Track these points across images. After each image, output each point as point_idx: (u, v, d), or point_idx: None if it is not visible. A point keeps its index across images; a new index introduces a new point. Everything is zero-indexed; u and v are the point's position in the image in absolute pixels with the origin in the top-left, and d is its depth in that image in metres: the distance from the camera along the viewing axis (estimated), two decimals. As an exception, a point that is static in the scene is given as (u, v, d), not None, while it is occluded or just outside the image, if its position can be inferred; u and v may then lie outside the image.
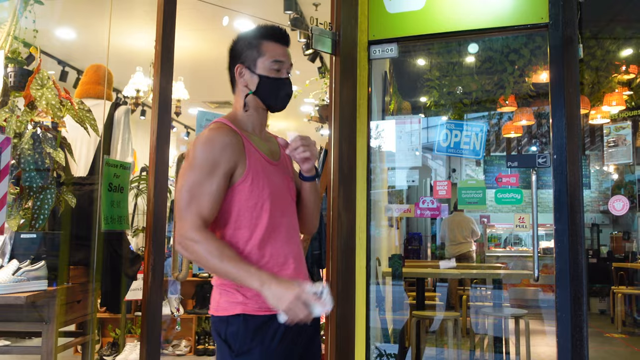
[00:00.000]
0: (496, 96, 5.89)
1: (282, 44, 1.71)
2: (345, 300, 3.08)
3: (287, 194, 1.72)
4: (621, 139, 2.86)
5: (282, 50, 1.71)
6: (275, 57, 1.69)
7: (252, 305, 1.59)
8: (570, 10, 2.86)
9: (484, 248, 9.34)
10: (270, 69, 1.68)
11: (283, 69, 1.70)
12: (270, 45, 1.70)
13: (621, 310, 6.69)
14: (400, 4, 3.17)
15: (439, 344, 4.92)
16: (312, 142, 1.62)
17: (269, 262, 1.62)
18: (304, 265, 1.72)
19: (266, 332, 1.58)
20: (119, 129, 2.91)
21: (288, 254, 1.66)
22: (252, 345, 1.57)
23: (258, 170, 1.64)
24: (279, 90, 1.70)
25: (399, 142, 3.55)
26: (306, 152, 1.60)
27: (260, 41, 1.70)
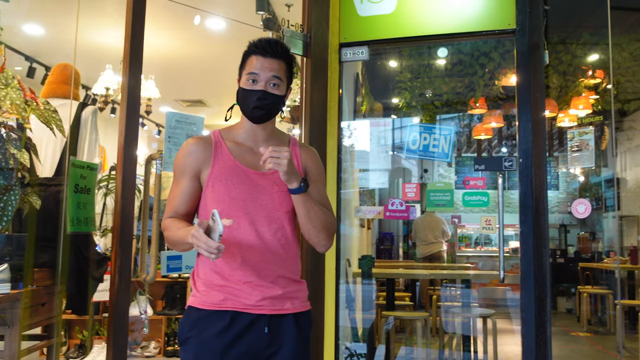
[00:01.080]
0: (467, 98, 5.97)
1: (264, 56, 1.72)
2: (314, 301, 3.08)
3: (270, 204, 1.73)
4: (584, 143, 2.93)
5: (260, 63, 1.71)
6: (250, 69, 1.72)
7: (199, 298, 1.70)
8: (536, 17, 2.92)
9: (454, 248, 9.46)
10: (246, 81, 1.73)
11: (259, 80, 1.71)
12: (252, 59, 1.73)
13: (587, 310, 6.84)
14: (371, 8, 3.20)
15: (409, 344, 4.98)
16: (283, 154, 1.60)
17: (222, 263, 1.69)
18: (276, 276, 1.71)
19: (205, 325, 1.66)
20: (86, 130, 2.88)
21: (247, 260, 1.68)
22: (189, 335, 1.67)
23: (222, 178, 1.71)
24: (248, 101, 1.73)
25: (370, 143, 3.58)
26: (270, 165, 1.59)
27: (248, 55, 1.75)
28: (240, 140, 1.79)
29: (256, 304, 1.68)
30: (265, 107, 1.73)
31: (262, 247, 1.70)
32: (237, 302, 1.67)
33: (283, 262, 1.73)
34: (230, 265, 1.69)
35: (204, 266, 1.72)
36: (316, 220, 1.74)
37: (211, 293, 1.68)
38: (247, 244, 1.69)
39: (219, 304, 1.67)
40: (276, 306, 1.70)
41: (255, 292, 1.68)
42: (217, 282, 1.69)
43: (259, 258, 1.70)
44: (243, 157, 1.75)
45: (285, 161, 1.59)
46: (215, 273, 1.69)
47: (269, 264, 1.70)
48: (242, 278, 1.68)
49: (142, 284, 3.98)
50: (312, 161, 1.87)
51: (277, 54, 1.73)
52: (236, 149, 1.76)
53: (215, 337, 1.64)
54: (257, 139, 1.79)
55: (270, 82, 1.72)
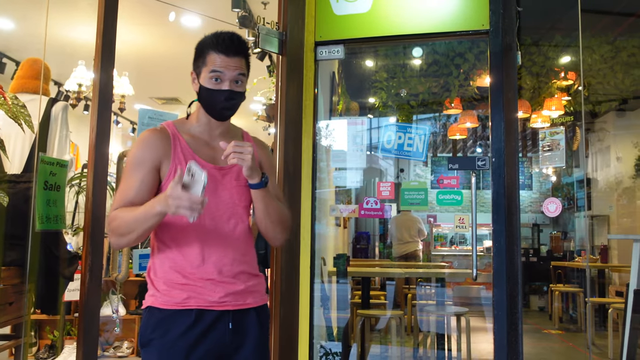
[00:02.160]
0: (442, 99, 6.02)
1: (227, 55, 1.68)
2: (288, 300, 3.09)
3: (229, 200, 1.72)
4: (555, 143, 2.97)
5: (225, 62, 1.67)
6: (214, 68, 1.67)
7: (159, 298, 1.66)
8: (509, 19, 2.95)
9: (430, 247, 9.54)
10: (209, 79, 1.68)
11: (225, 79, 1.68)
12: (213, 56, 1.68)
13: (558, 307, 6.95)
14: (347, 7, 3.20)
15: (384, 342, 5.00)
16: (247, 149, 1.60)
17: (183, 261, 1.66)
18: (237, 271, 1.71)
19: (169, 325, 1.62)
20: (56, 126, 2.82)
21: (209, 257, 1.67)
22: (152, 337, 1.63)
23: (182, 169, 1.63)
24: (215, 101, 1.69)
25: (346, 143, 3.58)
26: (234, 160, 1.59)
27: (207, 50, 1.70)
28: (196, 134, 1.76)
29: (220, 301, 1.66)
30: (233, 107, 1.72)
31: (224, 243, 1.69)
32: (200, 300, 1.64)
33: (243, 257, 1.73)
34: (191, 263, 1.66)
35: (162, 264, 1.68)
36: (274, 215, 1.75)
37: (173, 292, 1.65)
38: (208, 241, 1.67)
39: (182, 303, 1.64)
40: (239, 301, 1.69)
41: (218, 289, 1.66)
42: (178, 281, 1.65)
43: (221, 254, 1.68)
44: (201, 152, 1.73)
45: (249, 156, 1.59)
46: (176, 272, 1.66)
47: (230, 259, 1.69)
48: (204, 275, 1.66)
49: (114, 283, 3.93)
50: (265, 155, 1.88)
51: (239, 52, 1.70)
52: (193, 142, 1.73)
53: (180, 337, 1.61)
54: (214, 133, 1.77)
55: (235, 80, 1.70)
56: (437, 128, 7.29)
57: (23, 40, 5.41)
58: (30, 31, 5.22)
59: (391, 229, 7.85)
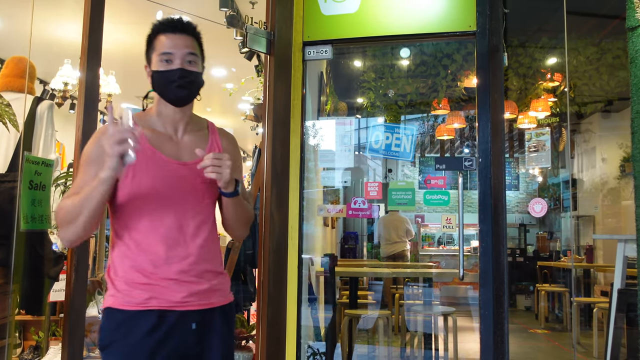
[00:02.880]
0: (430, 99, 6.05)
1: (174, 33, 1.64)
2: (276, 300, 3.08)
3: (189, 196, 1.66)
4: (541, 144, 3.00)
5: (172, 42, 1.64)
6: (163, 49, 1.63)
7: (119, 298, 1.59)
8: (496, 20, 2.97)
9: (417, 247, 9.57)
10: (160, 62, 1.64)
11: (175, 59, 1.63)
12: (161, 39, 1.65)
13: (544, 307, 7.01)
14: (335, 7, 3.20)
15: (372, 342, 5.01)
16: (225, 163, 1.56)
17: (144, 260, 1.60)
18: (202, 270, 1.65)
19: (130, 327, 1.56)
20: (42, 125, 2.79)
21: (172, 256, 1.60)
22: (113, 339, 1.57)
23: (142, 169, 1.60)
24: (168, 81, 1.63)
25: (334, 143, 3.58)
26: (212, 174, 1.55)
27: (154, 36, 1.67)
28: (157, 128, 1.69)
29: (182, 301, 1.60)
30: (188, 86, 1.65)
31: (187, 241, 1.63)
32: (162, 300, 1.58)
33: (208, 255, 1.67)
34: (153, 262, 1.59)
35: (122, 263, 1.62)
36: (243, 218, 1.74)
37: (134, 292, 1.58)
38: (171, 239, 1.61)
39: (143, 303, 1.57)
40: (203, 301, 1.64)
41: (181, 289, 1.60)
42: (139, 280, 1.59)
43: (185, 253, 1.62)
44: (162, 147, 1.66)
45: (227, 170, 1.55)
46: (137, 271, 1.59)
47: (194, 258, 1.63)
48: (166, 275, 1.59)
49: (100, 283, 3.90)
50: (233, 149, 1.81)
51: (187, 30, 1.67)
52: (154, 137, 1.67)
53: (142, 338, 1.55)
54: (177, 126, 1.71)
55: (187, 59, 1.64)
56: (425, 128, 7.32)
57: (8, 38, 5.36)
58: (15, 29, 5.17)
59: (379, 229, 7.86)
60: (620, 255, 3.22)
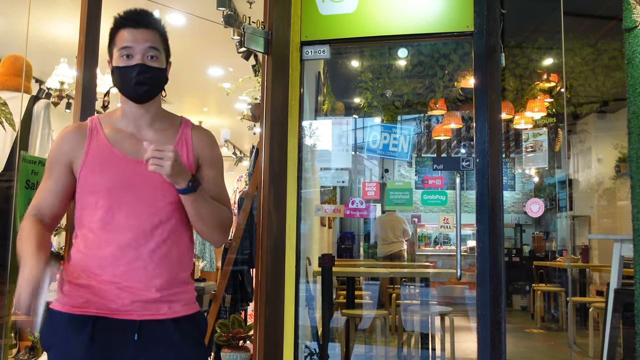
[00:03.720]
0: (427, 99, 6.05)
1: (135, 27, 1.56)
2: (274, 300, 3.08)
3: (151, 196, 1.56)
4: (538, 144, 3.00)
5: (132, 35, 1.55)
6: (122, 43, 1.56)
7: (61, 299, 1.54)
8: (493, 21, 2.98)
9: (414, 247, 9.59)
10: (119, 57, 1.57)
11: (135, 54, 1.55)
12: (121, 33, 1.57)
13: (540, 307, 7.03)
14: (333, 7, 3.20)
15: (369, 342, 5.01)
16: (167, 155, 1.45)
17: (90, 261, 1.53)
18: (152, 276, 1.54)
19: (66, 331, 1.49)
20: (38, 124, 2.78)
21: (119, 258, 1.51)
22: (51, 342, 1.51)
23: (95, 167, 1.56)
24: (127, 78, 1.55)
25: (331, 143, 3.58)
26: (152, 167, 1.45)
27: (116, 31, 1.59)
28: (121, 126, 1.62)
29: (123, 308, 1.51)
30: (148, 82, 1.57)
31: (138, 243, 1.52)
32: (100, 306, 1.50)
33: (163, 261, 1.55)
34: (99, 263, 1.51)
35: (72, 261, 1.55)
36: (209, 219, 1.60)
37: (73, 294, 1.51)
38: (121, 240, 1.52)
39: (80, 306, 1.50)
40: (149, 311, 1.52)
41: (123, 295, 1.51)
42: (82, 282, 1.51)
43: (133, 256, 1.52)
44: (121, 144, 1.59)
45: (169, 162, 1.44)
46: (82, 271, 1.52)
47: (144, 262, 1.52)
48: (110, 278, 1.50)
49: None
50: (206, 146, 1.70)
51: (150, 24, 1.59)
52: (114, 135, 1.60)
53: (77, 345, 1.47)
54: (140, 124, 1.63)
55: (148, 54, 1.57)
56: (421, 129, 7.33)
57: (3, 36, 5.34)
58: (10, 27, 5.15)
59: (376, 229, 7.87)
60: (616, 255, 3.23)
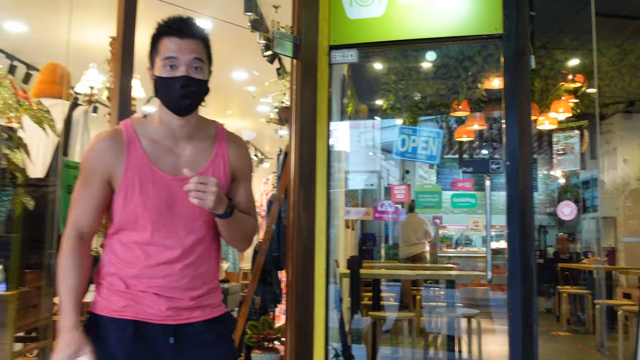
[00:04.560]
0: (450, 101, 6.04)
1: (180, 37, 1.52)
2: (304, 302, 3.11)
3: (188, 214, 1.58)
4: (569, 147, 2.99)
5: (178, 45, 1.51)
6: (166, 53, 1.51)
7: (99, 303, 1.57)
8: (523, 23, 2.97)
9: (436, 249, 9.56)
10: (163, 67, 1.52)
11: (180, 65, 1.51)
12: (165, 42, 1.52)
13: (566, 309, 6.97)
14: (361, 11, 3.22)
15: (393, 343, 5.02)
16: (210, 189, 1.45)
17: (128, 271, 1.56)
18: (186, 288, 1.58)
19: (106, 333, 1.52)
20: (78, 130, 2.85)
21: (157, 271, 1.55)
22: (95, 343, 1.52)
23: (136, 186, 1.54)
24: (171, 90, 1.52)
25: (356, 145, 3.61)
26: (194, 200, 1.45)
27: (158, 39, 1.55)
28: (158, 138, 1.58)
29: (160, 314, 1.54)
30: (192, 95, 1.53)
31: (176, 259, 1.55)
32: (139, 310, 1.53)
33: (197, 274, 1.59)
34: (137, 275, 1.54)
35: (108, 269, 1.58)
36: (238, 235, 1.65)
37: (112, 298, 1.54)
38: (159, 257, 1.55)
39: (119, 310, 1.53)
40: (183, 316, 1.57)
41: (159, 302, 1.54)
42: (119, 288, 1.54)
43: (171, 271, 1.56)
44: (160, 161, 1.56)
45: (212, 197, 1.44)
46: (119, 279, 1.55)
47: (180, 277, 1.56)
48: (147, 288, 1.54)
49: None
50: (241, 157, 1.70)
51: (195, 34, 1.55)
52: (152, 148, 1.57)
53: (117, 347, 1.50)
54: (178, 136, 1.59)
55: (192, 65, 1.52)
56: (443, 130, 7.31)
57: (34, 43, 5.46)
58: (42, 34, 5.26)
59: (397, 231, 7.86)
60: (648, 257, 3.20)
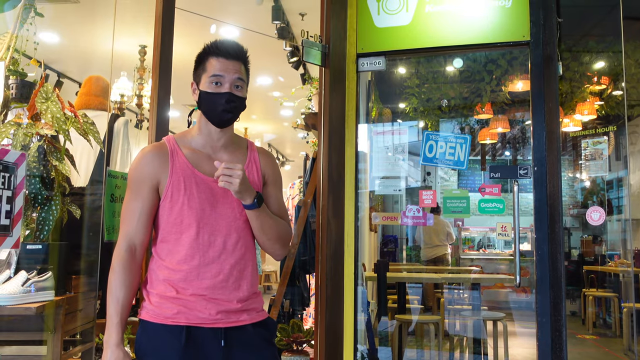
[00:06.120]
0: (473, 104, 6.05)
1: (226, 58, 1.71)
2: (334, 306, 3.17)
3: (229, 214, 1.70)
4: (598, 152, 3.01)
5: (224, 65, 1.70)
6: (214, 72, 1.69)
7: (151, 311, 1.65)
8: (550, 30, 3.00)
9: (458, 251, 9.53)
10: (209, 83, 1.70)
11: (224, 83, 1.69)
12: (213, 61, 1.71)
13: (592, 312, 6.92)
14: (389, 19, 3.28)
15: (418, 346, 5.05)
16: (236, 173, 1.57)
17: (177, 275, 1.65)
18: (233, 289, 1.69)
19: (160, 340, 1.61)
20: (119, 140, 2.95)
21: (204, 273, 1.65)
22: (145, 351, 1.63)
23: (180, 188, 1.67)
24: (215, 104, 1.69)
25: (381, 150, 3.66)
26: (221, 183, 1.58)
27: (207, 57, 1.73)
28: (197, 147, 1.75)
29: (211, 318, 1.64)
30: (233, 110, 1.71)
31: (222, 258, 1.67)
32: (191, 316, 1.63)
33: (242, 274, 1.70)
34: (186, 278, 1.64)
35: (157, 277, 1.67)
36: (270, 233, 1.73)
37: (164, 305, 1.64)
38: (205, 256, 1.66)
39: (172, 317, 1.62)
40: (232, 319, 1.67)
41: (210, 306, 1.64)
42: (170, 294, 1.63)
43: (217, 270, 1.66)
44: (201, 165, 1.71)
45: (238, 180, 1.57)
46: (170, 285, 1.64)
47: (226, 276, 1.67)
48: (197, 291, 1.64)
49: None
50: (271, 167, 1.85)
51: (239, 57, 1.73)
52: (193, 156, 1.72)
53: (171, 352, 1.59)
54: (216, 145, 1.76)
55: (235, 84, 1.71)
56: (467, 133, 7.31)
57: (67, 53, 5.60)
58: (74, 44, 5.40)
59: (419, 233, 7.86)
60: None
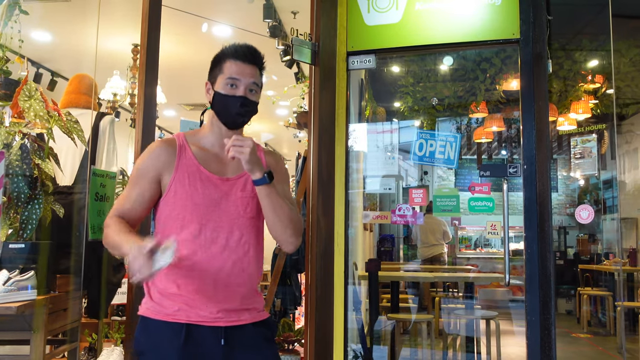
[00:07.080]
0: (468, 102, 6.04)
1: (243, 62, 1.72)
2: (324, 304, 3.16)
3: (233, 211, 1.71)
4: (587, 150, 3.00)
5: (241, 69, 1.71)
6: (230, 74, 1.70)
7: (152, 308, 1.66)
8: (540, 28, 2.99)
9: (455, 250, 9.53)
10: (225, 85, 1.71)
11: (240, 86, 1.71)
12: (230, 63, 1.72)
13: (587, 311, 6.91)
14: (379, 17, 3.26)
15: (412, 345, 5.04)
16: (247, 143, 1.60)
17: (178, 271, 1.63)
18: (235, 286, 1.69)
19: (160, 337, 1.62)
20: (104, 139, 2.93)
21: (206, 269, 1.64)
22: (145, 347, 1.64)
23: (185, 183, 1.68)
24: (230, 107, 1.71)
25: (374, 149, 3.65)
26: (232, 152, 1.59)
27: (224, 59, 1.74)
28: (206, 146, 1.76)
29: (211, 316, 1.64)
30: (246, 114, 1.73)
31: (224, 255, 1.66)
32: (191, 314, 1.63)
33: (244, 272, 1.70)
34: (187, 274, 1.64)
35: (159, 273, 1.61)
36: (282, 214, 1.69)
37: (165, 302, 1.64)
38: (207, 253, 1.65)
39: (172, 314, 1.63)
40: (232, 318, 1.67)
41: (210, 304, 1.64)
42: (171, 291, 1.64)
43: (219, 267, 1.66)
44: (208, 164, 1.72)
45: (248, 149, 1.58)
46: (171, 281, 1.64)
47: (229, 273, 1.67)
48: (198, 288, 1.63)
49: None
50: (277, 163, 1.87)
51: (256, 61, 1.74)
52: (201, 154, 1.74)
53: (171, 350, 1.60)
54: (224, 146, 1.70)
55: (250, 88, 1.72)
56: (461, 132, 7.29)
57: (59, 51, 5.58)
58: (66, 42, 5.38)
59: (416, 232, 7.84)
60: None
